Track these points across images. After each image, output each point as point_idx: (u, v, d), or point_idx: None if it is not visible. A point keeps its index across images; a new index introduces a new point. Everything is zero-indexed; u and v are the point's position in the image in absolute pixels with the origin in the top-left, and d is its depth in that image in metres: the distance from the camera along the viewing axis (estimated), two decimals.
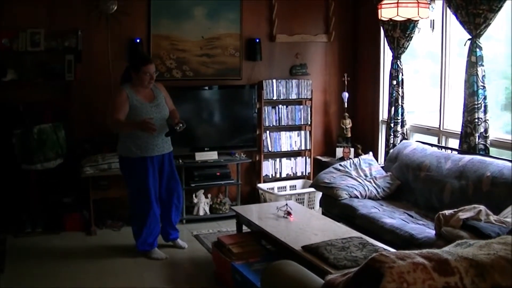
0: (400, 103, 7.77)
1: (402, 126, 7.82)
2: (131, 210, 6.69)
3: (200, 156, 7.93)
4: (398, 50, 7.69)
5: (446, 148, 7.00)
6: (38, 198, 7.35)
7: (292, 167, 8.82)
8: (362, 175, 7.06)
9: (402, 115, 7.79)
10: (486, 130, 6.36)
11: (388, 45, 7.91)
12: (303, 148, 8.84)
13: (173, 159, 6.78)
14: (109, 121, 6.28)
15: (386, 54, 8.40)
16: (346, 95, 8.75)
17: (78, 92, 7.53)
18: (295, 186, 8.75)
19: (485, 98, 6.32)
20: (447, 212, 5.04)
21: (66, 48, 7.35)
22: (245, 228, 6.33)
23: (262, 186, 8.48)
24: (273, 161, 8.70)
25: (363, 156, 7.47)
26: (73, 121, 7.52)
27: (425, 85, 8.14)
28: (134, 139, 6.31)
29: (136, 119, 6.21)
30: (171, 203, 6.76)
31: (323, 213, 6.91)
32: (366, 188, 6.81)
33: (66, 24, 7.41)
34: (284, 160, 8.77)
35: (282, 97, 8.55)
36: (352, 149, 8.58)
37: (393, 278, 2.21)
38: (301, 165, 8.87)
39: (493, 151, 6.41)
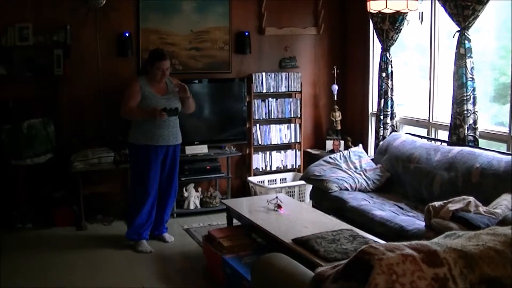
0: (389, 95, 7.77)
1: (392, 118, 7.83)
2: (130, 197, 6.81)
3: (190, 150, 7.92)
4: (387, 42, 7.69)
5: (436, 140, 7.02)
6: (28, 193, 7.32)
7: (282, 160, 8.83)
8: (352, 167, 7.07)
9: (391, 107, 7.80)
10: (475, 122, 6.38)
11: (377, 38, 7.92)
12: (293, 141, 8.85)
13: (179, 154, 6.87)
14: (122, 109, 6.50)
15: (375, 47, 8.41)
16: (335, 87, 8.76)
17: (67, 87, 7.50)
18: (285, 179, 8.76)
19: (474, 89, 6.34)
20: (436, 203, 5.06)
21: (54, 42, 7.33)
22: (235, 222, 6.33)
23: (252, 179, 8.48)
24: (263, 154, 8.71)
25: (353, 149, 7.48)
26: (62, 116, 7.49)
27: (415, 77, 8.15)
28: (142, 128, 6.52)
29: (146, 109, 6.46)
30: (168, 196, 6.87)
31: (313, 206, 6.92)
32: (356, 181, 6.82)
33: (54, 19, 7.37)
34: (274, 153, 8.78)
35: (271, 90, 8.56)
36: (342, 142, 8.60)
37: (383, 270, 2.22)
38: (291, 158, 8.88)
39: (482, 142, 6.43)
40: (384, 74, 7.77)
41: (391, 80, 7.77)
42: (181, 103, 6.66)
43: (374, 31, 8.02)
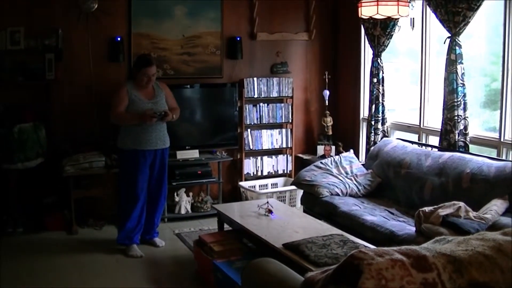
0: (380, 101, 7.80)
1: (383, 123, 7.85)
2: (119, 202, 6.81)
3: (181, 155, 7.92)
4: (378, 48, 7.71)
5: (426, 145, 7.04)
6: (18, 198, 7.30)
7: (273, 165, 8.84)
8: (343, 172, 7.08)
9: (382, 112, 7.83)
10: (465, 127, 6.40)
11: (369, 43, 7.95)
12: (284, 146, 8.85)
13: (167, 158, 6.87)
14: (112, 114, 6.52)
15: (366, 52, 8.43)
16: (327, 93, 8.77)
17: (59, 91, 7.49)
18: (277, 184, 8.77)
19: (464, 95, 6.36)
20: (427, 209, 5.07)
21: (46, 46, 7.31)
22: (226, 227, 6.34)
23: (244, 184, 8.49)
24: (255, 159, 8.71)
25: (344, 154, 7.50)
26: (54, 121, 7.48)
27: (406, 83, 8.17)
28: (129, 133, 6.54)
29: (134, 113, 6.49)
30: (158, 200, 6.89)
31: (304, 211, 6.94)
32: (347, 186, 6.83)
33: (46, 23, 7.36)
34: (265, 158, 8.79)
35: (263, 95, 8.57)
36: (333, 147, 8.60)
37: (372, 275, 2.23)
38: (283, 163, 8.89)
39: (472, 148, 6.46)
40: (375, 80, 7.79)
41: (382, 85, 7.79)
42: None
43: (366, 37, 8.05)
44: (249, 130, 8.59)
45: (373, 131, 7.87)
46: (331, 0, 9.02)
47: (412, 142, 7.12)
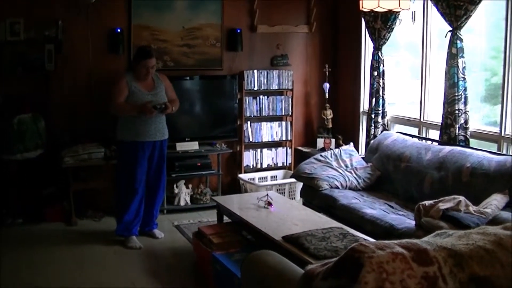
0: (381, 94, 7.78)
1: (383, 117, 7.84)
2: (116, 194, 6.78)
3: (181, 147, 7.91)
4: (379, 41, 7.69)
5: (427, 139, 7.03)
6: (18, 189, 7.29)
7: (273, 158, 8.84)
8: (342, 165, 7.07)
9: (383, 106, 7.81)
10: (466, 122, 6.39)
11: (369, 36, 7.93)
12: (284, 138, 8.85)
13: (166, 150, 6.85)
14: (112, 105, 6.49)
15: (367, 45, 8.41)
16: (327, 86, 8.76)
17: (58, 82, 7.48)
18: (276, 176, 8.76)
19: (465, 89, 6.35)
20: (427, 202, 5.06)
21: (46, 38, 7.29)
22: (226, 219, 6.33)
23: (243, 176, 8.48)
24: (254, 152, 8.71)
25: (344, 147, 7.49)
26: (53, 112, 7.47)
27: (406, 76, 8.16)
28: (128, 125, 6.53)
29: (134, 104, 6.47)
30: (157, 192, 6.88)
31: (303, 204, 6.93)
32: (347, 179, 6.82)
33: (46, 14, 7.33)
34: (265, 150, 8.78)
35: (263, 88, 8.55)
36: (333, 140, 8.60)
37: (373, 268, 2.22)
38: (282, 155, 8.88)
39: (473, 142, 6.45)
40: (375, 73, 7.78)
41: (383, 79, 7.77)
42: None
43: (366, 30, 8.03)
44: (248, 122, 8.58)
45: (373, 125, 7.86)
46: None
47: (412, 136, 7.11)
